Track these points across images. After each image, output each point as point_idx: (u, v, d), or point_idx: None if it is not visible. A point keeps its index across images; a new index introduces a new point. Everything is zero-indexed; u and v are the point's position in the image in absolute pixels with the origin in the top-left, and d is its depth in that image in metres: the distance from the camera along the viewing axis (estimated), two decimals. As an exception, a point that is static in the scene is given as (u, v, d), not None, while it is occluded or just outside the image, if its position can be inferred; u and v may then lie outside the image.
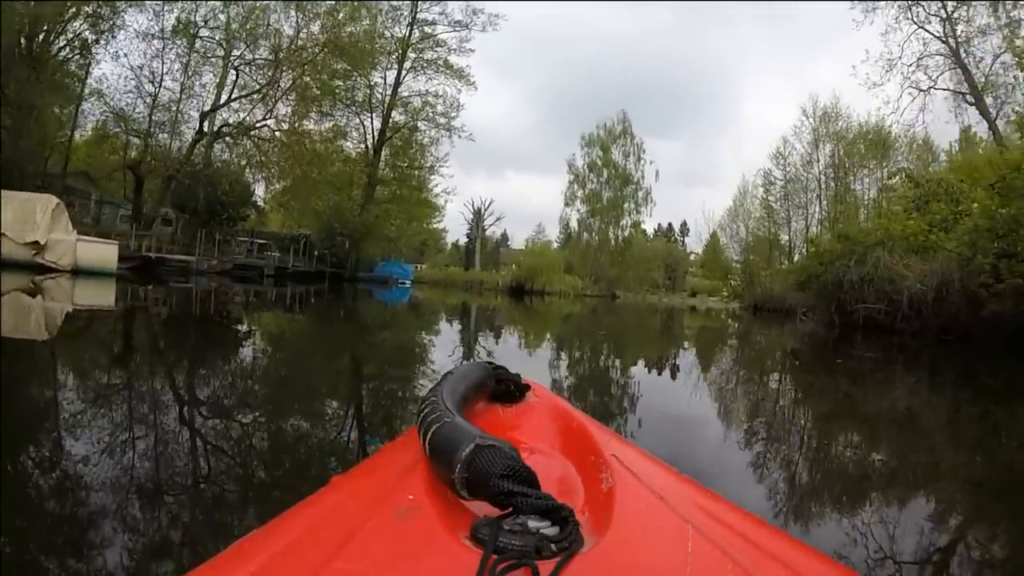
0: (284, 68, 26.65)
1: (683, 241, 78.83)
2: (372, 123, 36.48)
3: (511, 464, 0.67)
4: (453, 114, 36.31)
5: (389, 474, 0.82)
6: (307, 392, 3.92)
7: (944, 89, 25.39)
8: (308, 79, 28.45)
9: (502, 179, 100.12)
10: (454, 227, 68.37)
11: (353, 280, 33.85)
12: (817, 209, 37.62)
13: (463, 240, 67.96)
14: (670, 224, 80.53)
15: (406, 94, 36.58)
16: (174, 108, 27.19)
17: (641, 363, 7.78)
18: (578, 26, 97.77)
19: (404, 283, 38.04)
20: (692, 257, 72.69)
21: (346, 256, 35.26)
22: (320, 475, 2.14)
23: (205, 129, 27.06)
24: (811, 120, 36.90)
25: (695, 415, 4.36)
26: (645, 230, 51.04)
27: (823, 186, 36.74)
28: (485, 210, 60.54)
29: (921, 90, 25.82)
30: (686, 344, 11.74)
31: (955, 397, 6.50)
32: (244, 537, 0.71)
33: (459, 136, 36.51)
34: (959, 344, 13.26)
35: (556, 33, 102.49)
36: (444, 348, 7.41)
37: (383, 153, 37.30)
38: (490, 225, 62.78)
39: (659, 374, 6.77)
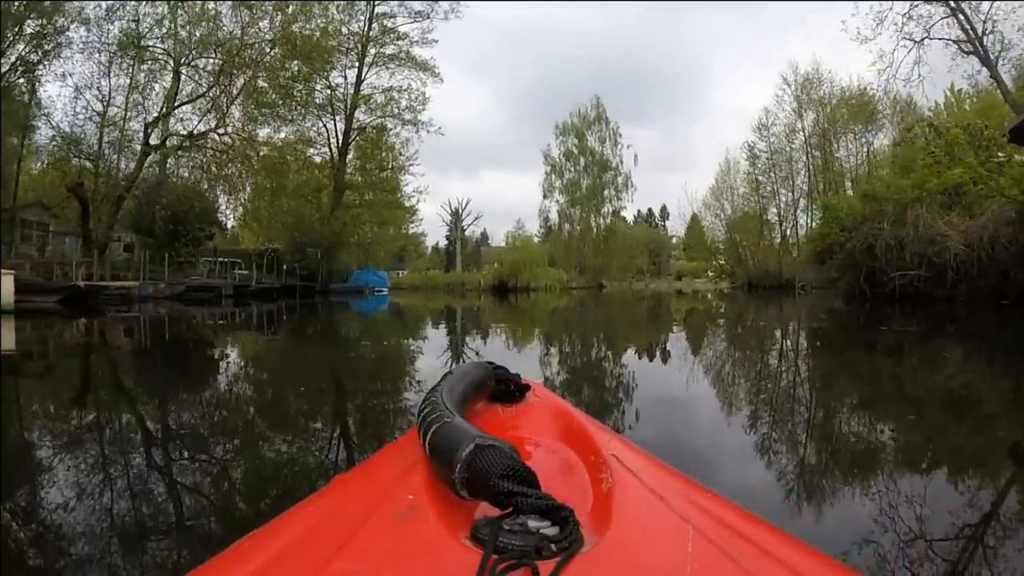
0: (234, 70, 25.28)
1: (664, 225, 78.95)
2: (335, 126, 35.17)
3: (511, 464, 0.67)
4: (419, 108, 35.08)
5: (389, 474, 0.83)
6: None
7: (941, 39, 24.31)
8: (262, 82, 27.21)
9: (477, 178, 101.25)
10: (433, 230, 68.53)
11: (325, 292, 32.51)
12: (805, 179, 36.86)
13: (443, 243, 68.22)
14: (650, 209, 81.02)
15: (368, 92, 35.21)
16: (121, 124, 25.85)
17: (670, 362, 6.86)
18: (545, 21, 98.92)
19: (381, 291, 36.84)
20: (674, 240, 74.06)
21: (317, 268, 33.76)
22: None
23: (153, 141, 25.56)
24: (792, 88, 36.14)
25: (737, 414, 4.03)
26: (625, 217, 50.17)
27: (809, 155, 35.99)
28: (463, 210, 59.76)
29: (915, 41, 24.70)
30: (702, 333, 10.92)
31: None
32: (244, 537, 0.71)
33: (427, 131, 35.56)
34: (1020, 307, 12.04)
35: (525, 30, 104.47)
36: (430, 359, 7.08)
37: (349, 157, 35.89)
38: (469, 225, 62.21)
39: (689, 374, 5.84)
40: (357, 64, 35.18)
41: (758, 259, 36.38)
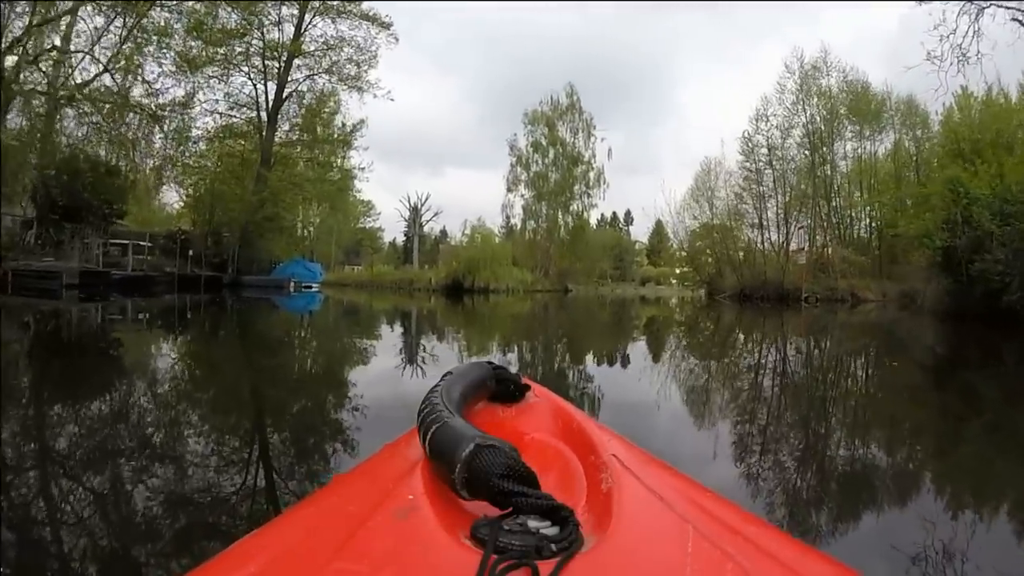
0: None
1: (628, 230, 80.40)
2: (266, 87, 28.55)
3: (511, 464, 0.68)
4: (365, 65, 28.80)
5: (389, 474, 0.82)
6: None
7: (1000, 5, 18.79)
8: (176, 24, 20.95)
9: (442, 175, 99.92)
10: (391, 225, 62.65)
11: (236, 286, 25.50)
12: (798, 180, 31.40)
13: (401, 239, 64.39)
14: (614, 213, 76.79)
15: (311, 48, 28.70)
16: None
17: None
18: (516, 17, 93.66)
19: (310, 287, 30.11)
20: (637, 246, 74.02)
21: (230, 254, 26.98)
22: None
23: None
24: (797, 75, 30.73)
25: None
26: (588, 219, 44.57)
27: (812, 152, 30.47)
28: (423, 205, 54.22)
29: (980, 3, 19.17)
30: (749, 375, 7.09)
31: None
32: (244, 537, 0.71)
33: (374, 95, 29.04)
34: None
35: (495, 26, 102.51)
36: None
37: (283, 127, 29.17)
38: (428, 221, 56.20)
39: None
40: (297, 14, 28.32)
41: (755, 264, 30.62)
